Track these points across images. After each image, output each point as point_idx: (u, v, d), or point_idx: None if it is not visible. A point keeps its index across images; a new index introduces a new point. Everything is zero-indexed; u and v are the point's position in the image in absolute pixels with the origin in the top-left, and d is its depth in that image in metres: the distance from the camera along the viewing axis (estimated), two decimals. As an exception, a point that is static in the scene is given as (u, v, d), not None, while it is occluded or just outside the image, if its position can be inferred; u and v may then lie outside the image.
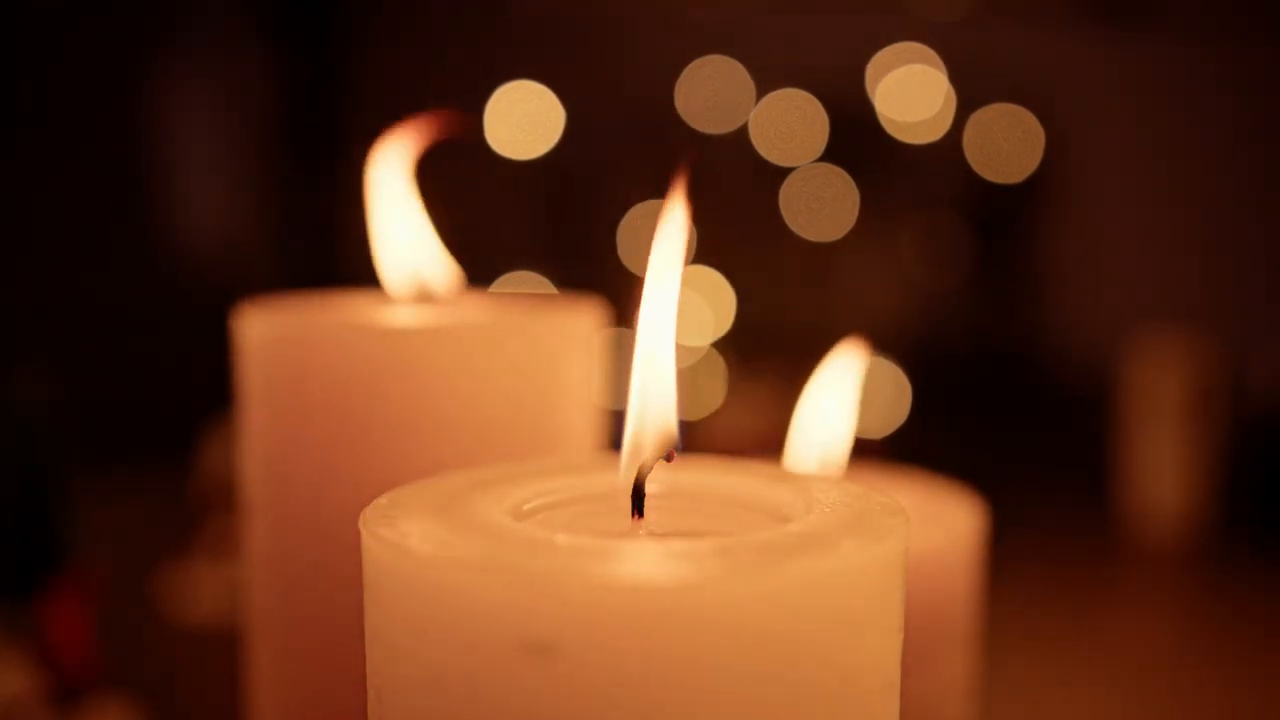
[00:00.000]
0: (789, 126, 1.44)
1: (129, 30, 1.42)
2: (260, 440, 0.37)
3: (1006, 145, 1.44)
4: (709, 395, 1.37)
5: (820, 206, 1.44)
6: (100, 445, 0.91)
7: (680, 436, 0.27)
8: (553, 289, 1.40)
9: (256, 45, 1.54)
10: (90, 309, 1.32)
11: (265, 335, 0.36)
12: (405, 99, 1.53)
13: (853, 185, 1.44)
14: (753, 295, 1.43)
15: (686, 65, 1.44)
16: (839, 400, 0.37)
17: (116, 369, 1.27)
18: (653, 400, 0.26)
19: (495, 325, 0.37)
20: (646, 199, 1.39)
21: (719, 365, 1.40)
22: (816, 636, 0.22)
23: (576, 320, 0.38)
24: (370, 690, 0.24)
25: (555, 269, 1.42)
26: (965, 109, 1.42)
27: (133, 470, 1.05)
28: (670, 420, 0.26)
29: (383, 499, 0.25)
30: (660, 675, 0.21)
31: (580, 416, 0.38)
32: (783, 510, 0.26)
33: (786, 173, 1.44)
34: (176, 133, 1.49)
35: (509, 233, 1.48)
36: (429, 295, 0.40)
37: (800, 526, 0.24)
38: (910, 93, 1.42)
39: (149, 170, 1.47)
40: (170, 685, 0.67)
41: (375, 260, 0.40)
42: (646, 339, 0.27)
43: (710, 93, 1.45)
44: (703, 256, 1.42)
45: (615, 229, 1.42)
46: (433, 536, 0.23)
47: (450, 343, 0.35)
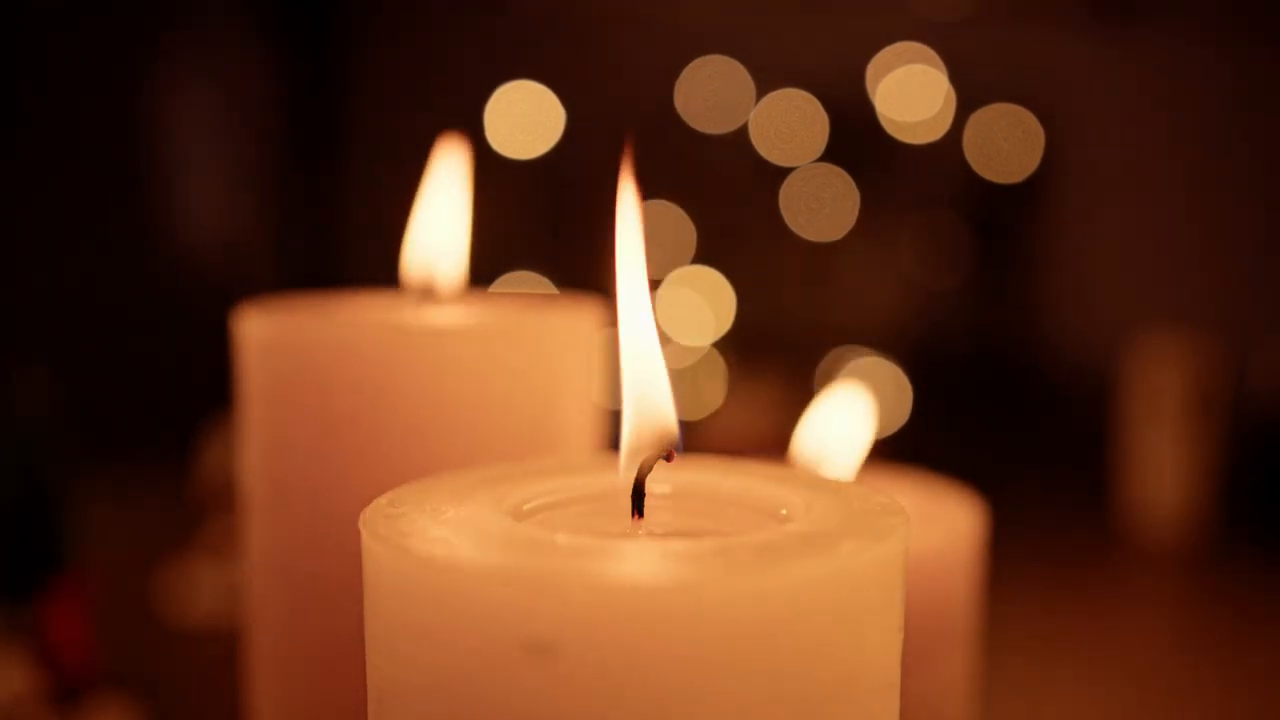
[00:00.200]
0: (789, 126, 1.44)
1: (129, 30, 1.42)
2: (260, 440, 0.37)
3: (1006, 145, 1.44)
4: (709, 395, 1.37)
5: (820, 206, 1.44)
6: (100, 445, 0.91)
7: (680, 436, 0.27)
8: (553, 289, 1.40)
9: (257, 45, 1.54)
10: (90, 309, 1.32)
11: (265, 335, 0.36)
12: (405, 99, 1.53)
13: (853, 185, 1.44)
14: (753, 295, 1.43)
15: (686, 65, 1.44)
16: (853, 421, 0.37)
17: (116, 369, 1.27)
18: (649, 399, 0.26)
19: (495, 325, 0.37)
20: (647, 199, 1.39)
21: (719, 365, 1.40)
22: (816, 636, 0.22)
23: (576, 320, 0.38)
24: (370, 690, 0.24)
25: (555, 269, 1.42)
26: (965, 109, 1.42)
27: (133, 470, 1.05)
28: (670, 420, 0.26)
29: (383, 499, 0.25)
30: (660, 675, 0.21)
31: (580, 416, 0.38)
32: (783, 510, 0.26)
33: (786, 173, 1.44)
34: (176, 133, 1.49)
35: (509, 233, 1.48)
36: (432, 294, 0.40)
37: (800, 526, 0.24)
38: (910, 93, 1.42)
39: (149, 170, 1.47)
40: (170, 685, 0.67)
41: (404, 244, 0.40)
42: (630, 339, 0.27)
43: (710, 93, 1.45)
44: (703, 256, 1.42)
45: (615, 229, 1.42)
46: (433, 536, 0.23)
47: (450, 343, 0.35)
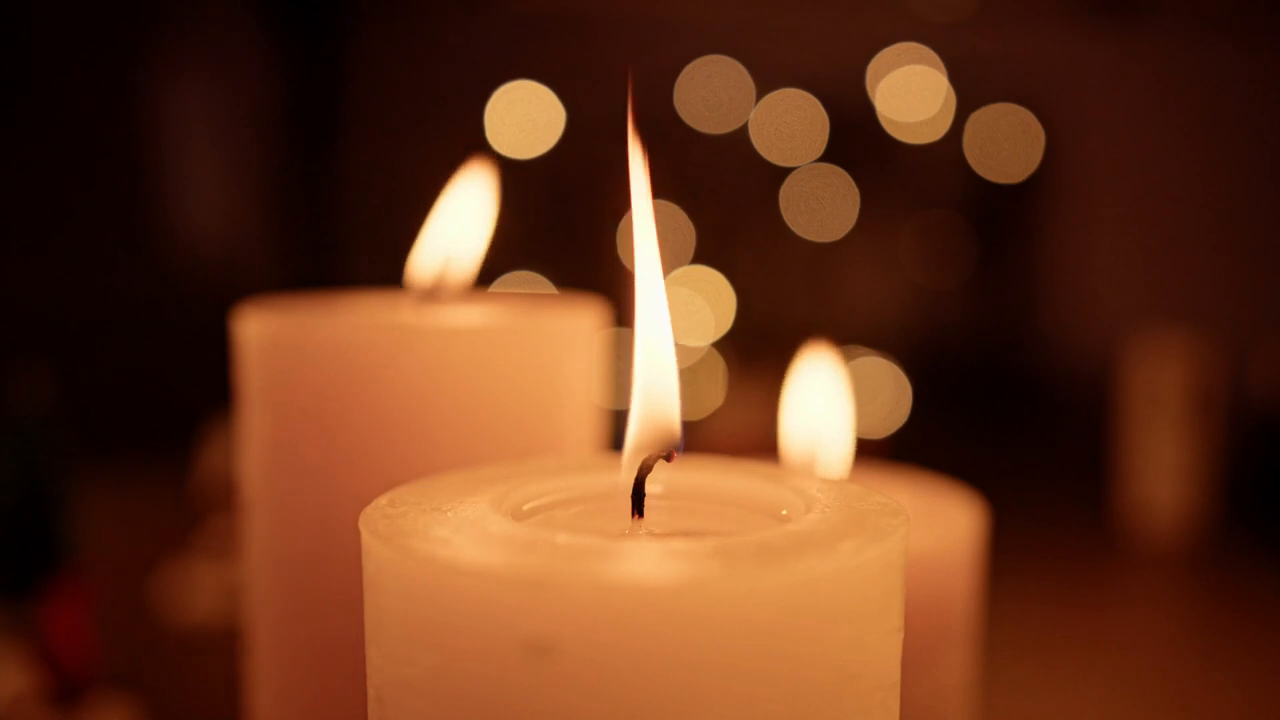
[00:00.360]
0: (789, 126, 1.44)
1: (129, 30, 1.42)
2: (260, 440, 0.37)
3: (1006, 145, 1.44)
4: (709, 395, 1.37)
5: (820, 206, 1.44)
6: (100, 445, 0.91)
7: (680, 436, 0.27)
8: (553, 289, 1.40)
9: (257, 45, 1.54)
10: (90, 308, 1.32)
11: (265, 335, 0.36)
12: (405, 99, 1.53)
13: (853, 185, 1.44)
14: (753, 295, 1.43)
15: (686, 65, 1.44)
16: (829, 402, 0.37)
17: (116, 368, 1.27)
18: (655, 400, 0.26)
19: (495, 325, 0.37)
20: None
21: (719, 365, 1.40)
22: (816, 636, 0.22)
23: (576, 320, 0.38)
24: (370, 690, 0.24)
25: (555, 269, 1.42)
26: (965, 109, 1.42)
27: (132, 470, 1.05)
28: (673, 420, 0.26)
29: (383, 499, 0.25)
30: (660, 675, 0.21)
31: (580, 416, 0.38)
32: (783, 510, 0.26)
33: (786, 173, 1.44)
34: (177, 132, 1.49)
35: (509, 233, 1.48)
36: (433, 294, 0.40)
37: (800, 526, 0.24)
38: (910, 93, 1.42)
39: (149, 169, 1.47)
40: (170, 685, 0.67)
41: (415, 243, 0.40)
42: (645, 339, 0.27)
43: (710, 93, 1.45)
44: (703, 256, 1.42)
45: (615, 229, 1.42)
46: (433, 536, 0.23)
47: (450, 343, 0.35)
